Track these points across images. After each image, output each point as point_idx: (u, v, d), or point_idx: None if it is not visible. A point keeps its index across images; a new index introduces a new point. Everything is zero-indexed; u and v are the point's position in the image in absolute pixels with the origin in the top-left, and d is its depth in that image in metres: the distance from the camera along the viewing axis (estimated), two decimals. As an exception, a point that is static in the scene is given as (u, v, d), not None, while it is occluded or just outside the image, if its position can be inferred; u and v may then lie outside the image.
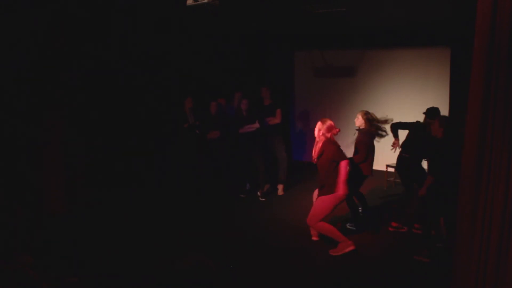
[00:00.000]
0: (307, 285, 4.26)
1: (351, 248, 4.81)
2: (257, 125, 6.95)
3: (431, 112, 5.42)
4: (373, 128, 5.58)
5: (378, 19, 7.21)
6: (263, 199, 6.92)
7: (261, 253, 4.96)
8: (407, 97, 8.34)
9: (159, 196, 6.88)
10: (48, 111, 5.97)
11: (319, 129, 4.95)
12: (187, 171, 7.08)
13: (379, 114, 5.79)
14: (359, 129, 5.71)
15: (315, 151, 5.03)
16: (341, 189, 4.76)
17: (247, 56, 9.01)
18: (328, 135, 4.91)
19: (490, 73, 3.04)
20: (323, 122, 4.98)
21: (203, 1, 4.61)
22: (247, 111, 7.00)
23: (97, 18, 6.31)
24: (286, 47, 9.43)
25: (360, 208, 5.82)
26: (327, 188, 4.85)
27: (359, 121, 5.67)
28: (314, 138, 5.07)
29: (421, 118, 5.68)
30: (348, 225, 5.68)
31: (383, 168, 7.65)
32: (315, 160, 5.01)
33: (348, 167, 4.81)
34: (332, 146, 4.87)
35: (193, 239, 5.29)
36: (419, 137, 5.45)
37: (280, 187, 7.23)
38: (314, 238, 5.28)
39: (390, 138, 5.78)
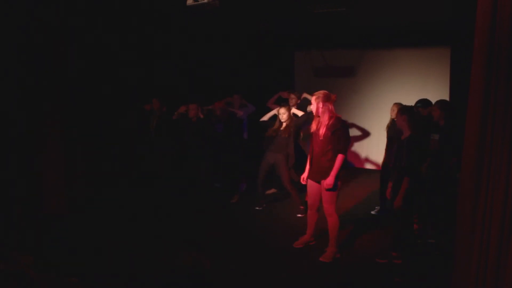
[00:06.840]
0: (307, 285, 4.26)
1: (337, 255, 4.77)
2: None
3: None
4: None
5: (378, 19, 7.21)
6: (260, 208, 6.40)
7: (260, 253, 4.95)
8: (407, 97, 8.30)
9: (158, 195, 6.87)
10: (48, 111, 5.96)
11: (317, 102, 4.61)
12: (188, 171, 7.06)
13: (379, 114, 5.79)
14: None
15: (317, 127, 4.67)
16: (332, 178, 4.53)
17: (247, 56, 9.00)
18: (329, 104, 4.61)
19: (490, 73, 3.05)
20: (318, 93, 4.65)
21: (203, 1, 4.62)
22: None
23: (97, 17, 6.31)
24: (286, 47, 9.44)
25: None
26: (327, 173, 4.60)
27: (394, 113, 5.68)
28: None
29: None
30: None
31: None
32: (320, 136, 4.62)
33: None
34: (347, 133, 4.68)
35: (192, 239, 5.29)
36: None
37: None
38: (296, 245, 5.06)
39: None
